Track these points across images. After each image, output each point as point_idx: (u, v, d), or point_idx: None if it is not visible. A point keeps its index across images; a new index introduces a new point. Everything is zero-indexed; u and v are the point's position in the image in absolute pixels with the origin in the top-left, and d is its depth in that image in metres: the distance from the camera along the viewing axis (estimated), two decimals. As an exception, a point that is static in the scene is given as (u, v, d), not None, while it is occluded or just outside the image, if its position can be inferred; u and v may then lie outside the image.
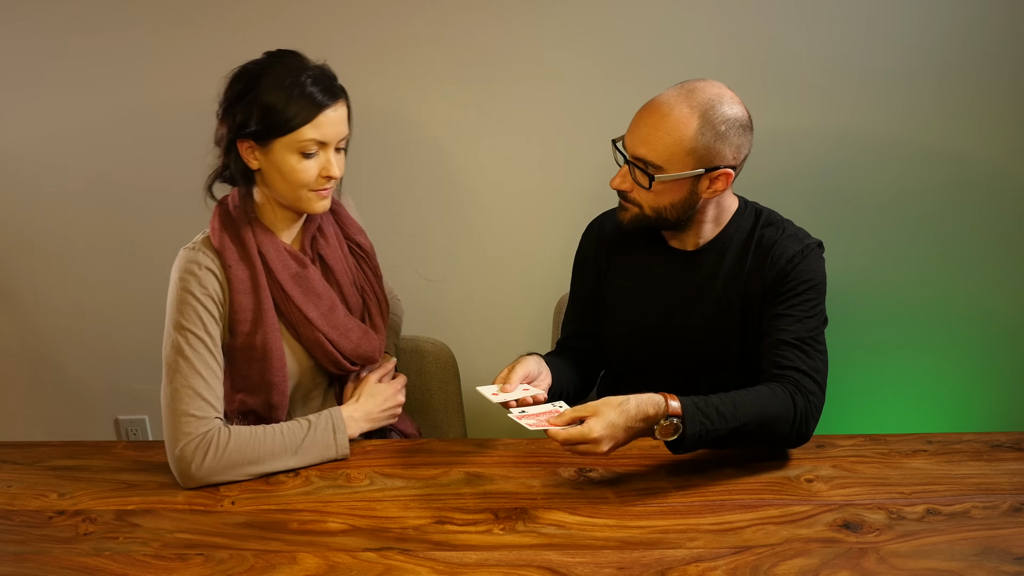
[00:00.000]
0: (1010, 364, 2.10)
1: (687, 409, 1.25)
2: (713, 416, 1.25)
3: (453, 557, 1.15)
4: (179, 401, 1.33)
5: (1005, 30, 1.85)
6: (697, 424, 1.24)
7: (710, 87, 1.37)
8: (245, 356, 1.43)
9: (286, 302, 1.44)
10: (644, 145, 1.36)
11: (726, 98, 1.36)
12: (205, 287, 1.38)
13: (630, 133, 1.39)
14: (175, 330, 1.36)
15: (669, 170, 1.35)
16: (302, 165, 1.36)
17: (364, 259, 1.58)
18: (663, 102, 1.36)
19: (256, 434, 1.36)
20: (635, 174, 1.38)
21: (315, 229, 1.50)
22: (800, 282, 1.40)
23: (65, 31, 1.95)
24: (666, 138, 1.34)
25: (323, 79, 1.37)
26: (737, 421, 1.26)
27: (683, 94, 1.36)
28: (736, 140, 1.36)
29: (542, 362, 1.48)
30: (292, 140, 1.34)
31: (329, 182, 1.39)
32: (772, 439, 1.32)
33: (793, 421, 1.30)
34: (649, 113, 1.36)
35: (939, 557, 1.11)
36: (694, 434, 1.24)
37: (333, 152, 1.38)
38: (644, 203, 1.41)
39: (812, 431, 1.34)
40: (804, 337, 1.36)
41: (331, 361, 1.49)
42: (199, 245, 1.41)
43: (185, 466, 1.32)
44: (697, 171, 1.35)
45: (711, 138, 1.34)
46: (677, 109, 1.34)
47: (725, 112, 1.35)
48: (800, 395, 1.31)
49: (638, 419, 1.24)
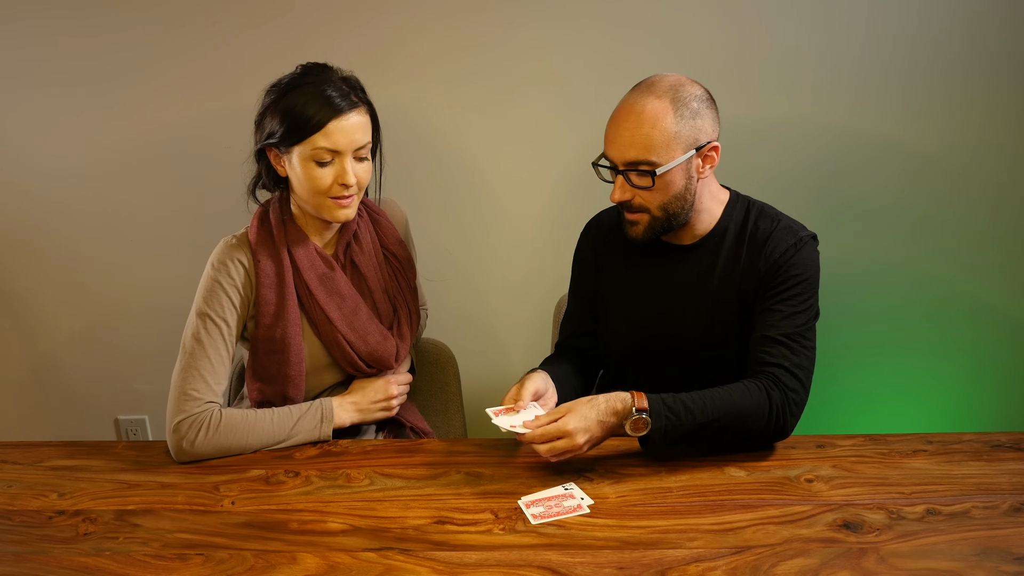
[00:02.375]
0: (1010, 364, 2.10)
1: (653, 404, 1.31)
2: (680, 411, 1.30)
3: (453, 557, 1.15)
4: (184, 380, 1.42)
5: (1004, 29, 1.85)
6: (663, 419, 1.30)
7: (666, 77, 1.39)
8: (265, 348, 1.49)
9: (310, 301, 1.50)
10: (632, 148, 1.36)
11: (684, 80, 1.39)
12: (232, 278, 1.46)
13: (611, 145, 1.39)
14: (196, 314, 1.45)
15: (665, 161, 1.36)
16: (317, 172, 1.41)
17: (400, 270, 1.62)
18: (632, 103, 1.37)
19: (248, 419, 1.43)
20: (632, 180, 1.39)
21: (350, 236, 1.56)
22: (791, 276, 1.40)
23: (65, 31, 1.95)
24: (651, 132, 1.35)
25: (342, 90, 1.41)
26: (706, 416, 1.31)
27: (645, 90, 1.38)
28: (710, 114, 1.39)
29: (548, 378, 1.48)
30: (306, 148, 1.40)
31: (347, 190, 1.42)
32: (747, 434, 1.35)
33: (768, 416, 1.32)
34: (624, 117, 1.37)
35: (939, 557, 1.11)
36: (659, 428, 1.30)
37: (350, 161, 1.41)
38: (651, 205, 1.41)
39: (791, 427, 1.36)
40: (791, 333, 1.38)
41: (347, 361, 1.54)
42: (237, 239, 1.50)
43: (178, 440, 1.39)
44: (689, 153, 1.37)
45: (689, 118, 1.36)
46: (648, 104, 1.35)
47: (691, 91, 1.37)
48: (777, 390, 1.33)
49: (609, 413, 1.31)
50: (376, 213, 1.61)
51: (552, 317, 1.92)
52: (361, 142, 1.42)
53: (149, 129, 2.03)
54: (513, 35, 1.92)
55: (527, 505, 1.25)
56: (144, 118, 2.02)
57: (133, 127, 2.03)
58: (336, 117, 1.38)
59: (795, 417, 1.35)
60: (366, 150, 1.44)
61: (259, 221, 1.50)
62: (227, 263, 1.46)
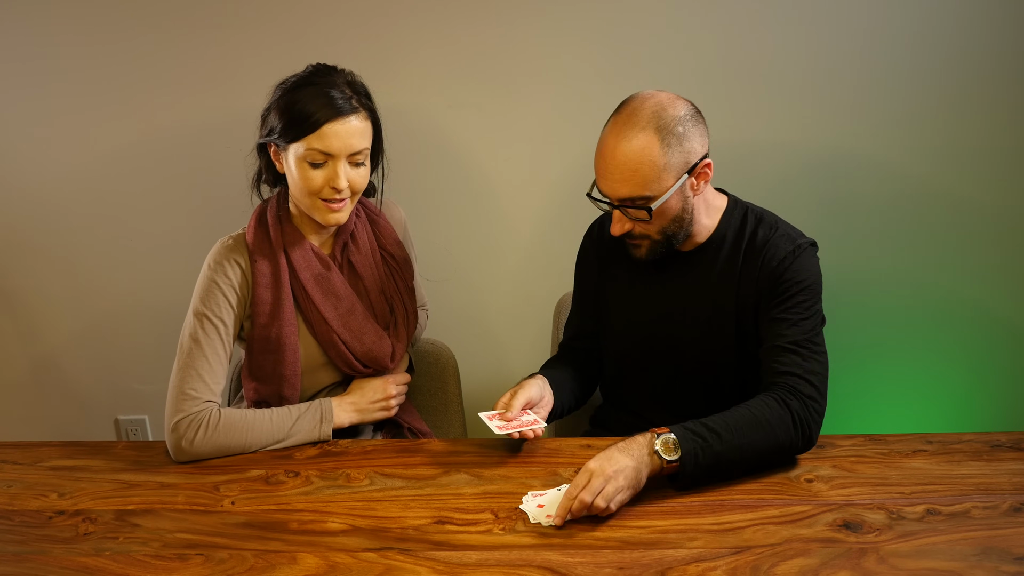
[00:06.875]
0: (1010, 364, 2.10)
1: (676, 431, 1.25)
2: (703, 432, 1.25)
3: (453, 557, 1.15)
4: (182, 380, 1.42)
5: (1004, 31, 1.85)
6: (690, 441, 1.24)
7: (645, 101, 1.35)
8: (261, 347, 1.50)
9: (306, 300, 1.51)
10: (624, 185, 1.35)
11: (664, 102, 1.35)
12: (229, 278, 1.46)
13: (603, 181, 1.38)
14: (193, 314, 1.46)
15: (659, 194, 1.35)
16: (310, 173, 1.41)
17: (397, 270, 1.62)
18: (617, 138, 1.34)
19: (247, 418, 1.43)
20: (630, 213, 1.38)
21: (347, 236, 1.56)
22: (793, 283, 1.39)
23: (65, 32, 1.96)
24: (641, 169, 1.33)
25: (345, 93, 1.40)
26: (730, 432, 1.26)
27: (628, 121, 1.34)
28: (697, 131, 1.36)
29: (545, 385, 1.48)
30: (300, 147, 1.40)
31: (338, 194, 1.42)
32: (776, 448, 1.30)
33: (793, 425, 1.29)
34: (611, 155, 1.35)
35: (939, 557, 1.11)
36: (690, 451, 1.23)
37: (344, 165, 1.41)
38: (651, 232, 1.41)
39: (816, 434, 1.33)
40: (800, 340, 1.36)
41: (343, 361, 1.54)
42: (234, 239, 1.50)
43: (177, 440, 1.40)
44: (682, 179, 1.36)
45: (677, 145, 1.33)
46: (634, 139, 1.33)
47: (673, 115, 1.34)
48: (795, 399, 1.31)
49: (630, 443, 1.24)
50: (374, 213, 1.61)
51: (552, 317, 1.92)
52: (357, 147, 1.41)
53: (149, 129, 2.03)
54: (513, 35, 1.92)
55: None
56: (144, 118, 2.02)
57: (133, 127, 2.03)
58: (333, 120, 1.38)
59: (818, 425, 1.33)
60: (363, 155, 1.43)
61: (256, 221, 1.51)
62: (223, 263, 1.47)
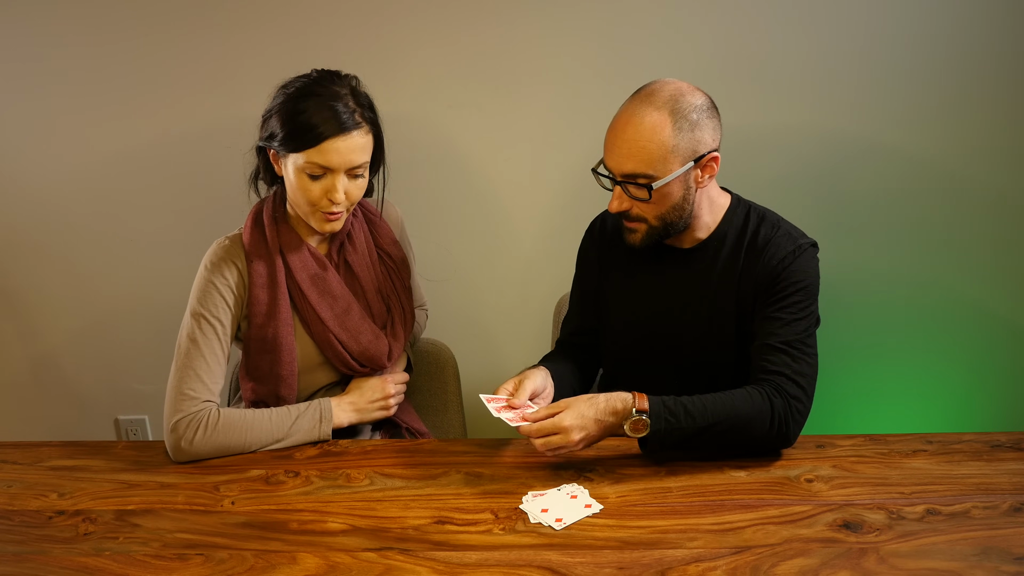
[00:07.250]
0: (1010, 364, 2.10)
1: (654, 406, 1.30)
2: (680, 414, 1.29)
3: (453, 557, 1.15)
4: (180, 380, 1.42)
5: (1004, 31, 1.85)
6: (662, 421, 1.29)
7: (666, 85, 1.37)
8: (258, 347, 1.50)
9: (302, 300, 1.51)
10: (630, 160, 1.35)
11: (684, 89, 1.37)
12: (226, 278, 1.46)
13: (610, 155, 1.38)
14: (191, 314, 1.46)
15: (662, 175, 1.35)
16: (308, 184, 1.41)
17: (394, 270, 1.62)
18: (631, 114, 1.36)
19: (246, 418, 1.43)
20: (630, 191, 1.38)
21: (344, 236, 1.56)
22: (790, 283, 1.40)
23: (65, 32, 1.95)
24: (648, 146, 1.34)
25: (349, 107, 1.39)
26: (706, 420, 1.30)
27: (644, 100, 1.36)
28: (710, 123, 1.37)
29: (548, 377, 1.48)
30: (300, 158, 1.39)
31: (335, 206, 1.42)
32: (748, 441, 1.33)
33: (771, 423, 1.31)
34: (622, 129, 1.36)
35: (939, 557, 1.11)
36: (659, 430, 1.29)
37: (343, 178, 1.41)
38: (649, 215, 1.41)
39: (794, 434, 1.34)
40: (791, 340, 1.37)
41: (340, 360, 1.54)
42: (231, 239, 1.50)
43: (176, 440, 1.40)
44: (687, 166, 1.36)
45: (688, 130, 1.34)
46: (647, 116, 1.34)
47: (690, 102, 1.35)
48: (779, 397, 1.32)
49: (608, 412, 1.30)
50: (371, 213, 1.61)
51: (552, 318, 1.92)
52: (357, 162, 1.40)
53: (149, 129, 2.03)
54: (513, 35, 1.92)
55: (542, 510, 1.24)
56: (144, 118, 2.02)
57: (133, 127, 2.03)
58: (335, 136, 1.37)
59: (798, 425, 1.34)
60: (362, 169, 1.42)
61: (253, 221, 1.51)
62: (220, 264, 1.47)
